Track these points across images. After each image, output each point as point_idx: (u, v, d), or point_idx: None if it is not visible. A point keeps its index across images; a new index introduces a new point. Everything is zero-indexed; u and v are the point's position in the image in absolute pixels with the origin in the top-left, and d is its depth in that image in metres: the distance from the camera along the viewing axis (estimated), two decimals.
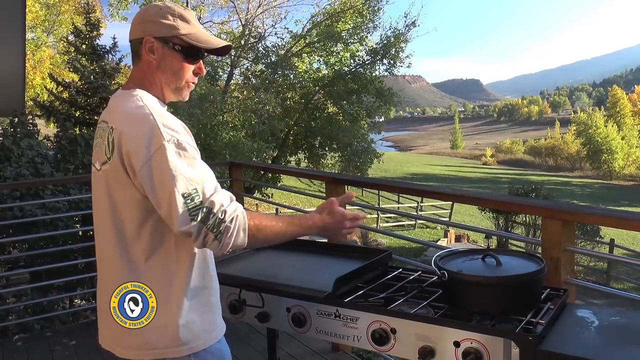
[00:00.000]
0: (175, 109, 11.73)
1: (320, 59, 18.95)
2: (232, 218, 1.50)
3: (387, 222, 23.41)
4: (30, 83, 17.98)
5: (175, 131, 1.51)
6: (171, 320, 1.56)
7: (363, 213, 1.90)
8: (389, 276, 2.25)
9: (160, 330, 1.56)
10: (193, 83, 1.71)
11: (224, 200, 1.51)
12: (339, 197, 1.89)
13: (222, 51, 1.74)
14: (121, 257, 1.58)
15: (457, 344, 1.73)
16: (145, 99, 1.58)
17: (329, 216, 1.81)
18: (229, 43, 1.72)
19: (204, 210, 1.47)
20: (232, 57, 18.58)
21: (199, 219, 1.46)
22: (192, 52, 1.64)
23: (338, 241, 1.85)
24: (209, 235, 1.47)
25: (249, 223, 1.55)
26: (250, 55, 18.68)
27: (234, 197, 1.55)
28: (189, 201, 1.46)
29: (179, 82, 1.66)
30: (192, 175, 1.48)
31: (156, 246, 1.56)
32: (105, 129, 1.59)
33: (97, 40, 12.35)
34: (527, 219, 16.85)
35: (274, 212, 19.36)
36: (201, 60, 1.69)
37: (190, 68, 1.66)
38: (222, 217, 1.48)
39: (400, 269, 2.34)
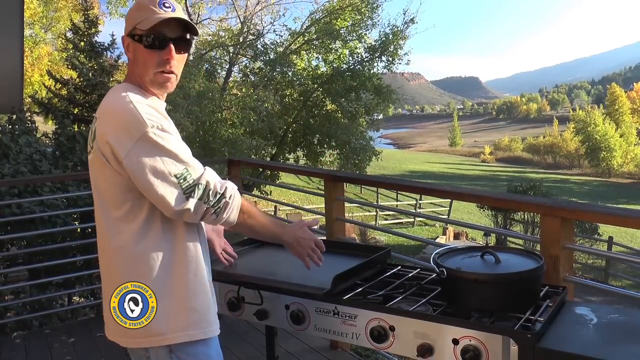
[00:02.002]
0: (174, 106, 11.69)
1: (319, 57, 18.94)
2: (231, 194, 1.59)
3: (386, 219, 23.43)
4: (28, 80, 17.96)
5: (155, 117, 1.53)
6: (171, 306, 1.58)
7: (323, 246, 1.95)
8: (387, 274, 2.26)
9: (159, 314, 1.58)
10: (169, 72, 1.63)
11: (217, 177, 1.59)
12: (308, 221, 1.97)
13: (178, 28, 1.63)
14: (109, 243, 1.60)
15: (455, 342, 1.73)
16: (129, 89, 1.60)
17: (302, 232, 1.88)
18: (175, 15, 1.60)
19: (200, 187, 1.53)
20: (231, 54, 18.57)
21: (196, 195, 1.53)
22: (148, 39, 1.60)
23: (299, 257, 1.89)
24: (209, 210, 1.55)
25: (242, 204, 1.64)
26: (248, 53, 18.66)
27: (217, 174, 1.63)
28: (182, 181, 1.51)
29: (149, 73, 1.63)
30: (180, 155, 1.53)
31: (143, 232, 1.57)
32: (93, 121, 1.64)
33: (96, 38, 12.33)
34: (526, 217, 16.86)
35: (273, 209, 19.36)
36: (171, 46, 1.61)
37: (153, 55, 1.61)
38: (222, 192, 1.57)
39: (399, 267, 2.34)
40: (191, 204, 1.52)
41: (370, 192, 28.69)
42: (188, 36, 1.66)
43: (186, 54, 1.70)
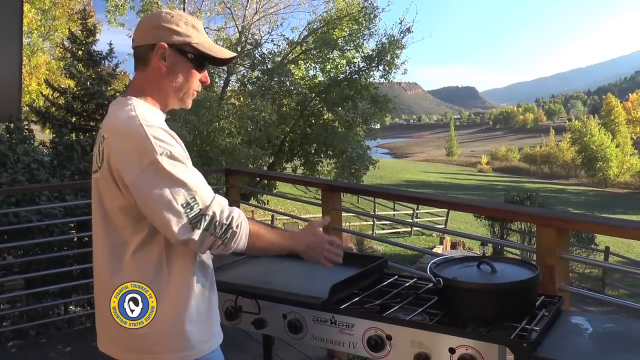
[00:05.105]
0: (171, 115, 11.63)
1: (317, 66, 18.99)
2: (238, 224, 1.54)
3: (383, 229, 23.41)
4: (26, 89, 17.92)
5: (166, 142, 1.50)
6: (166, 326, 1.57)
7: (339, 240, 1.90)
8: (384, 283, 2.26)
9: (154, 335, 1.57)
10: (197, 91, 1.72)
11: (225, 205, 1.54)
12: (317, 221, 1.92)
13: (226, 62, 1.76)
14: (112, 262, 1.59)
15: (452, 350, 1.74)
16: (139, 108, 1.56)
17: (313, 236, 1.83)
18: (236, 54, 1.74)
19: (207, 217, 1.49)
20: (229, 63, 18.60)
21: (202, 227, 1.49)
22: (201, 60, 1.66)
23: (317, 262, 1.82)
24: (216, 241, 1.51)
25: (250, 229, 1.59)
26: (246, 62, 18.70)
27: (227, 202, 1.58)
28: (188, 210, 1.47)
29: (186, 90, 1.67)
30: (188, 184, 1.49)
31: (148, 253, 1.57)
32: (100, 137, 1.61)
33: (94, 46, 12.33)
34: (523, 227, 16.86)
35: (270, 219, 19.34)
36: (205, 70, 1.70)
37: (197, 76, 1.68)
38: (227, 223, 1.52)
39: (396, 276, 2.35)
40: (196, 234, 1.48)
41: (367, 202, 28.70)
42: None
43: None
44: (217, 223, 1.50)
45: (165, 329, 1.57)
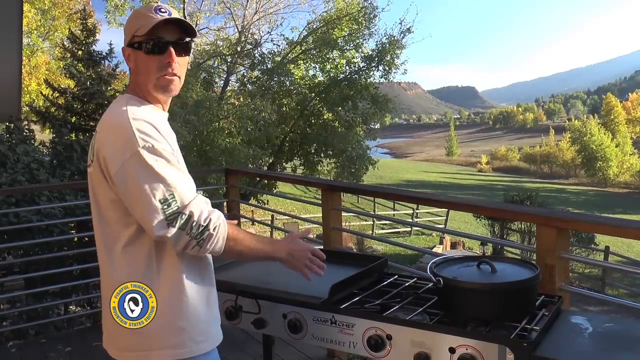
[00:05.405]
0: (171, 114, 11.50)
1: (316, 66, 18.98)
2: (216, 226, 1.53)
3: (383, 229, 23.42)
4: (25, 89, 17.92)
5: (149, 136, 1.51)
6: (158, 322, 1.57)
7: (322, 254, 1.86)
8: (384, 283, 2.27)
9: (146, 331, 1.57)
10: (172, 75, 1.65)
11: (204, 207, 1.54)
12: (299, 233, 1.90)
13: (176, 31, 1.65)
14: (108, 257, 1.61)
15: (452, 350, 1.74)
16: (130, 103, 1.60)
17: (295, 245, 1.81)
18: (170, 17, 1.62)
19: (184, 216, 1.49)
20: (229, 63, 18.59)
21: (177, 225, 1.49)
22: (148, 45, 1.62)
23: (297, 270, 1.80)
24: (191, 241, 1.50)
25: (228, 232, 1.58)
26: (246, 62, 18.69)
27: (209, 203, 1.58)
28: (165, 207, 1.48)
29: (152, 78, 1.64)
30: (168, 180, 1.50)
31: (138, 248, 1.58)
32: (94, 133, 1.65)
33: (93, 46, 12.33)
34: (523, 226, 16.86)
35: (270, 218, 19.34)
36: (171, 49, 1.63)
37: (154, 60, 1.63)
38: (205, 225, 1.51)
39: (396, 276, 2.35)
40: (171, 232, 1.48)
41: (367, 202, 28.70)
42: (187, 39, 1.68)
43: (187, 57, 1.70)
44: (194, 223, 1.50)
45: (156, 326, 1.57)
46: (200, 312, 1.64)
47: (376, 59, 18.03)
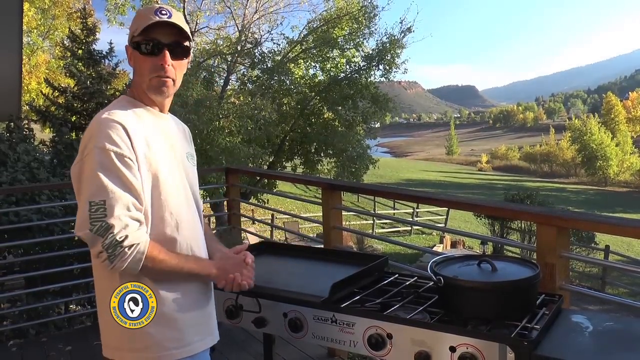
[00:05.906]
0: (171, 114, 11.50)
1: (317, 65, 18.97)
2: (132, 245, 1.50)
3: (383, 228, 23.42)
4: (25, 88, 17.91)
5: (109, 138, 1.52)
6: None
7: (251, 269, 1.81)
8: (385, 282, 2.27)
9: (117, 332, 1.58)
10: (165, 77, 1.65)
11: (130, 223, 1.50)
12: (233, 249, 1.87)
13: (173, 34, 1.65)
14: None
15: (452, 349, 1.74)
16: (118, 104, 1.65)
17: (224, 260, 1.78)
18: (165, 19, 1.62)
19: (103, 225, 1.48)
20: (229, 62, 18.59)
21: (94, 230, 1.48)
22: (144, 46, 1.63)
23: (230, 290, 1.73)
24: (103, 253, 1.48)
25: (147, 254, 1.53)
26: (246, 61, 18.67)
27: (143, 222, 1.55)
28: (93, 209, 1.49)
29: (146, 78, 1.66)
30: (105, 186, 1.49)
31: None
32: None
33: (94, 45, 12.33)
34: (523, 225, 16.86)
35: (270, 217, 19.33)
36: (165, 52, 1.63)
37: (149, 61, 1.64)
38: (120, 240, 1.48)
39: (396, 275, 2.35)
40: (88, 235, 1.48)
41: (367, 201, 28.70)
42: (187, 43, 1.68)
43: (184, 60, 1.70)
44: (111, 236, 1.47)
45: (121, 327, 1.56)
46: (174, 319, 1.62)
47: (376, 58, 18.02)
